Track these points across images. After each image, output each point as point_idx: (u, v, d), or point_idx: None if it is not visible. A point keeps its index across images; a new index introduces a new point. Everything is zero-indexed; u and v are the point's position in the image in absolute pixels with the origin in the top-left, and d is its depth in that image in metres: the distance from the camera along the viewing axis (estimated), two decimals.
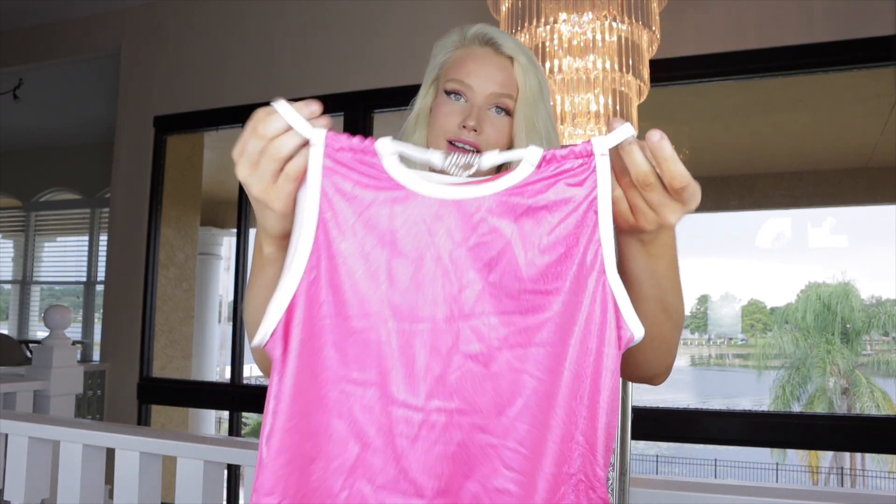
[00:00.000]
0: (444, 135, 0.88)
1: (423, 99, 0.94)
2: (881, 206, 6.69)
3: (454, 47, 0.92)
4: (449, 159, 0.61)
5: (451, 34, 0.93)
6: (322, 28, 3.60)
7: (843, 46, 2.72)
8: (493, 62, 0.89)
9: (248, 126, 0.62)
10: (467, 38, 0.92)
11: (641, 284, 0.68)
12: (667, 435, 3.21)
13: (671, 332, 0.73)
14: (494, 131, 0.88)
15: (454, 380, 0.58)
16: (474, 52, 0.90)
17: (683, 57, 2.88)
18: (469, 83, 0.88)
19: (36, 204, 6.81)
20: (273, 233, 0.65)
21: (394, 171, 0.59)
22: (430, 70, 0.95)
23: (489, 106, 0.88)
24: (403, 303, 0.59)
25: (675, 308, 0.71)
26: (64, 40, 4.28)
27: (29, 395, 3.05)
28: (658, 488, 1.24)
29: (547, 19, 2.07)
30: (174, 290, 4.10)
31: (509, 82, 0.88)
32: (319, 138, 0.59)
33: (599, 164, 0.59)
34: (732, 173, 6.52)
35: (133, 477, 1.64)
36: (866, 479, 11.87)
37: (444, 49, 0.94)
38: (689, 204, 0.61)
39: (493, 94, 0.87)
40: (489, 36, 0.90)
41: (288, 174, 0.60)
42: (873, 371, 12.41)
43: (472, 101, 0.88)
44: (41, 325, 6.22)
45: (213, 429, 6.90)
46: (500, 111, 0.88)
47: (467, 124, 0.86)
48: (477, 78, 0.88)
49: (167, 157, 3.98)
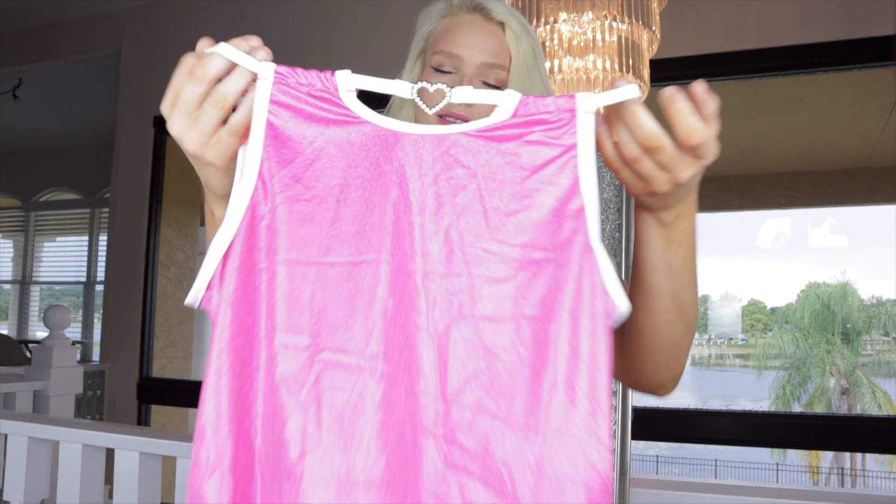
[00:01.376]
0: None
1: (409, 74, 0.90)
2: (881, 206, 6.69)
3: (440, 16, 0.87)
4: (416, 88, 0.56)
5: (436, 2, 0.87)
6: (322, 28, 3.60)
7: (843, 46, 2.71)
8: (482, 30, 0.83)
9: (180, 70, 0.53)
10: (454, 6, 0.86)
11: (656, 275, 0.63)
12: (667, 435, 3.21)
13: (683, 335, 0.67)
14: (486, 105, 0.85)
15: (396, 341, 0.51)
16: (462, 20, 0.84)
17: (683, 57, 2.88)
18: (458, 54, 0.82)
19: (36, 204, 6.81)
20: (221, 192, 0.58)
21: (353, 105, 0.54)
22: (415, 43, 0.89)
23: (480, 77, 0.82)
24: (348, 246, 0.52)
25: (690, 305, 0.65)
26: (64, 40, 4.28)
27: (28, 395, 3.05)
28: (658, 488, 1.24)
29: (547, 19, 2.07)
30: (174, 290, 4.10)
31: (501, 50, 0.83)
32: (268, 72, 0.54)
33: (582, 124, 0.52)
34: (732, 173, 6.52)
35: (133, 477, 1.64)
36: (866, 479, 11.87)
37: (429, 19, 0.88)
38: (704, 159, 0.54)
39: (485, 65, 0.82)
40: (477, 1, 0.84)
41: (233, 128, 0.54)
42: (874, 371, 12.41)
43: (463, 72, 0.82)
44: (41, 325, 6.22)
45: None
46: (490, 85, 0.83)
47: None
48: (466, 48, 0.82)
49: (167, 157, 3.98)
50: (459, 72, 0.82)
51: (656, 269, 0.63)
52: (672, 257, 0.62)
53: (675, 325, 0.65)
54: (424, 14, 0.88)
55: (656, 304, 0.63)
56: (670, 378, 0.72)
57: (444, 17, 0.86)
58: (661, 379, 0.72)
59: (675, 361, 0.70)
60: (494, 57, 0.82)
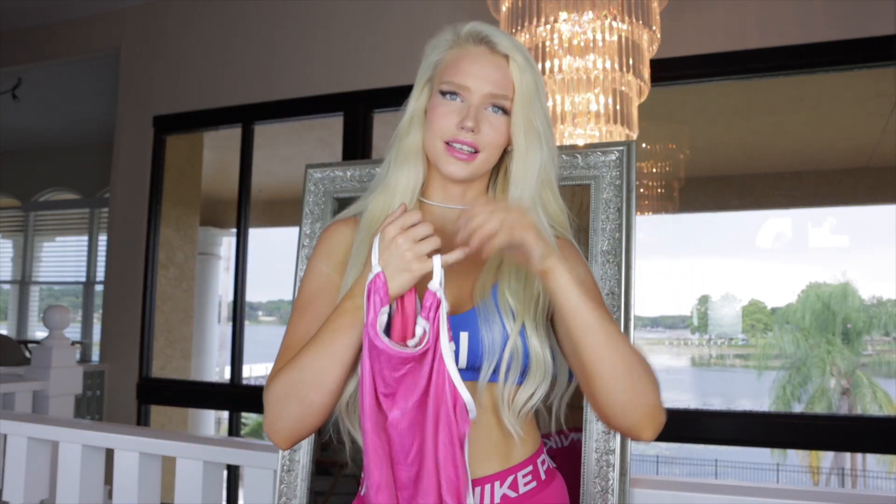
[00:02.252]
0: (442, 136, 0.88)
1: (416, 100, 0.94)
2: (881, 206, 6.69)
3: (448, 46, 0.91)
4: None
5: (444, 32, 0.92)
6: (322, 28, 3.60)
7: (844, 46, 2.71)
8: (488, 61, 0.88)
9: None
10: (461, 37, 0.90)
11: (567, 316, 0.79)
12: (667, 435, 3.19)
13: (626, 367, 0.78)
14: (492, 131, 0.88)
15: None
16: (469, 52, 0.89)
17: (683, 57, 2.88)
18: (465, 84, 0.87)
19: (35, 204, 6.81)
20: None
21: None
22: (423, 70, 0.94)
23: (486, 106, 0.87)
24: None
25: (614, 339, 0.78)
26: (64, 40, 4.28)
27: (28, 396, 3.04)
28: (658, 488, 1.24)
29: (547, 19, 2.07)
30: (174, 290, 4.10)
31: (505, 81, 0.88)
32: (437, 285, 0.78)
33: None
34: (732, 173, 6.52)
35: (132, 477, 1.64)
36: (867, 479, 11.87)
37: (437, 48, 0.92)
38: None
39: (490, 95, 0.87)
40: (484, 34, 0.89)
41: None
42: (874, 371, 12.41)
43: (469, 101, 0.87)
44: (40, 325, 6.22)
45: (212, 429, 6.90)
46: (498, 110, 0.88)
47: (465, 125, 0.86)
48: (473, 78, 0.87)
49: (167, 157, 3.98)
50: (466, 101, 0.88)
51: (563, 311, 0.78)
52: (565, 303, 0.78)
53: (611, 357, 0.77)
54: (432, 44, 0.93)
55: (588, 339, 0.77)
56: (642, 418, 0.79)
57: (452, 47, 0.91)
58: (632, 419, 0.79)
59: (636, 398, 0.78)
60: (499, 88, 0.87)
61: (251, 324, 13.57)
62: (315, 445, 1.31)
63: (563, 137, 2.13)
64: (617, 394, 0.78)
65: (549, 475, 0.94)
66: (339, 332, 0.80)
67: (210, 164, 4.67)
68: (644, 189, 4.32)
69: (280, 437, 0.84)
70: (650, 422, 0.80)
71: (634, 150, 1.19)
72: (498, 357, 0.86)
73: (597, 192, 1.19)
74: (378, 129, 3.47)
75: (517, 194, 0.90)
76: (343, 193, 1.37)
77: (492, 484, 0.88)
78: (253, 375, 13.44)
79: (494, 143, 0.88)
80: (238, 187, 3.73)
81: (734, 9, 2.88)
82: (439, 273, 0.76)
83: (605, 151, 1.20)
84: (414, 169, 0.93)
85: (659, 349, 17.45)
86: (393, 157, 0.94)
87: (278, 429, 0.84)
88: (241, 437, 3.24)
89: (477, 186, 0.94)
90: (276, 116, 3.72)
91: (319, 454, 1.32)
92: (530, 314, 0.87)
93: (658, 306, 16.72)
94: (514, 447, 0.91)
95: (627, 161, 1.18)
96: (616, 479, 1.09)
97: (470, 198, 0.93)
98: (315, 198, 1.38)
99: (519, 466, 0.90)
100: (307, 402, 0.81)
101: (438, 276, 0.76)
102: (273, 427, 0.84)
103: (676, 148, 4.40)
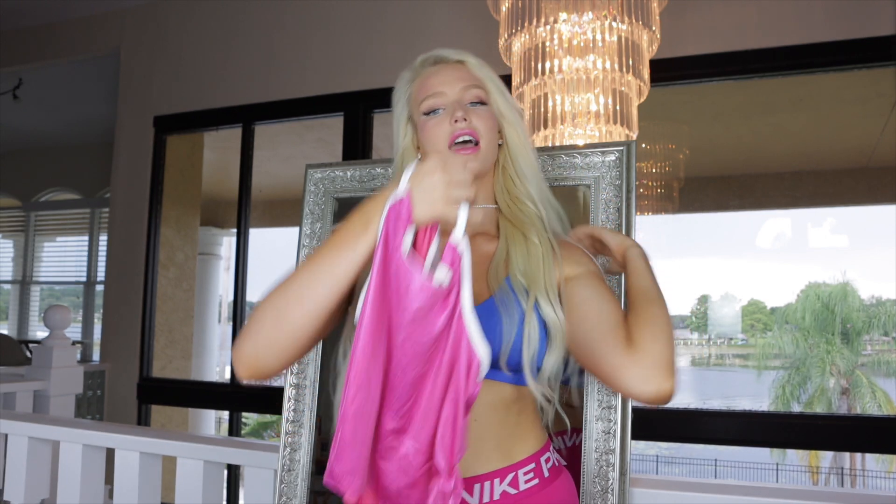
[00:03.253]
0: (443, 142, 0.93)
1: (403, 138, 1.00)
2: (881, 206, 6.69)
3: (410, 81, 1.00)
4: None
5: (400, 77, 1.01)
6: (322, 28, 3.60)
7: (843, 46, 2.71)
8: (448, 69, 0.97)
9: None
10: (416, 68, 0.99)
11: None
12: (667, 435, 3.21)
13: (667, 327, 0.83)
14: (480, 121, 0.94)
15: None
16: (428, 72, 0.97)
17: (683, 57, 2.88)
18: (438, 90, 0.95)
19: (36, 204, 6.81)
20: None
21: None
22: (398, 114, 1.01)
23: (463, 101, 0.94)
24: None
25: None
26: (64, 40, 4.28)
27: (29, 395, 3.05)
28: (658, 488, 1.24)
29: (547, 19, 2.07)
30: (174, 290, 4.10)
31: (471, 77, 0.96)
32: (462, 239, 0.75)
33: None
34: (732, 173, 6.52)
35: (133, 477, 1.64)
36: (866, 479, 11.87)
37: (401, 89, 1.00)
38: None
39: (462, 88, 0.95)
40: (434, 55, 0.98)
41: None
42: (874, 371, 12.41)
43: (447, 102, 0.94)
44: (41, 325, 6.22)
45: (213, 429, 6.90)
46: (476, 104, 0.95)
47: (456, 117, 0.92)
48: (442, 84, 0.95)
49: (167, 157, 3.98)
50: (447, 104, 0.94)
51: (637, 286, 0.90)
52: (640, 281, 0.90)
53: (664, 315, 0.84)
54: (396, 89, 1.01)
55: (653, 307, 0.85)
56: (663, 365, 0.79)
57: (414, 79, 0.99)
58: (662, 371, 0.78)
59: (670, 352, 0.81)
60: (468, 80, 0.95)
61: None
62: (315, 445, 1.32)
63: (563, 137, 2.13)
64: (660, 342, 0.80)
65: (553, 473, 0.94)
66: (341, 248, 0.75)
67: (210, 164, 4.67)
68: (644, 189, 4.33)
69: (243, 363, 0.76)
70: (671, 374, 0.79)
71: (634, 151, 1.19)
72: (517, 333, 0.88)
73: (597, 192, 1.19)
74: (378, 129, 3.47)
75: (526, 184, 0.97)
76: (343, 193, 1.37)
77: (491, 481, 0.89)
78: None
79: (487, 130, 0.94)
80: (238, 187, 3.73)
81: (734, 9, 2.88)
82: (463, 223, 0.74)
83: (604, 152, 1.20)
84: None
85: None
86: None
87: (244, 352, 0.75)
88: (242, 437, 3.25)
89: (484, 187, 0.98)
90: (276, 116, 3.72)
91: (319, 454, 1.32)
92: (542, 288, 0.90)
93: None
94: (516, 445, 0.92)
95: (627, 161, 1.18)
96: (616, 478, 1.09)
97: (480, 198, 0.97)
98: (315, 198, 1.38)
99: (520, 464, 0.91)
100: (283, 318, 0.75)
101: (462, 227, 0.74)
102: (239, 351, 0.75)
103: (676, 148, 4.40)
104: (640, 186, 4.31)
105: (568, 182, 1.21)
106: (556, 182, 1.20)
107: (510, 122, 0.96)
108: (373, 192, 1.34)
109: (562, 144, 2.12)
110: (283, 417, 1.33)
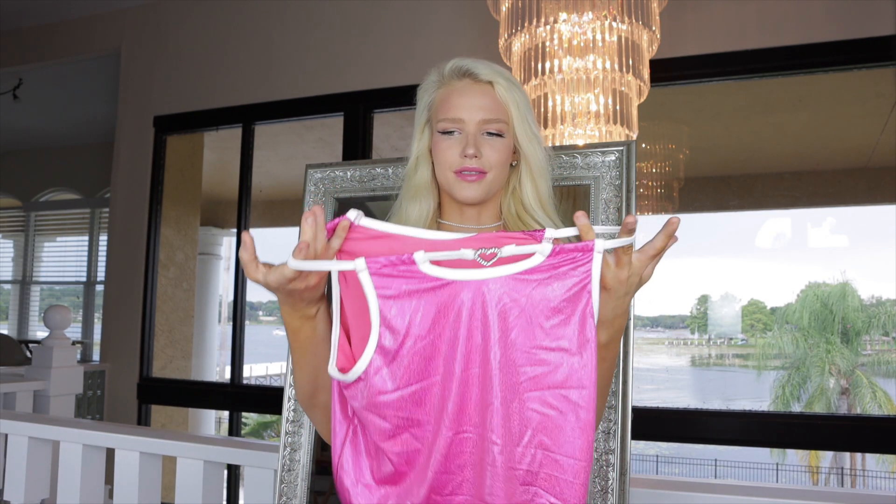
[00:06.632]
0: (450, 167, 0.95)
1: (419, 141, 1.01)
2: (881, 206, 6.68)
3: (435, 87, 0.99)
4: (478, 252, 0.75)
5: (429, 75, 1.00)
6: (322, 28, 3.60)
7: (843, 46, 2.72)
8: (475, 91, 0.95)
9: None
10: (445, 76, 0.98)
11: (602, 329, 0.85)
12: (667, 435, 3.21)
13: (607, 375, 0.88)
14: (493, 152, 0.95)
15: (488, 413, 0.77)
16: (455, 87, 0.96)
17: (683, 57, 2.88)
18: (458, 117, 0.94)
19: (36, 204, 6.81)
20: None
21: (430, 271, 0.75)
22: (418, 114, 1.01)
23: (482, 132, 0.94)
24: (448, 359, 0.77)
25: (613, 355, 0.87)
26: (64, 40, 4.28)
27: (29, 395, 3.05)
28: (658, 488, 1.24)
29: (547, 19, 2.07)
30: (174, 290, 4.10)
31: (495, 105, 0.95)
32: (361, 265, 0.73)
33: (595, 260, 0.76)
34: (732, 173, 6.52)
35: (133, 477, 1.64)
36: (866, 479, 11.87)
37: (426, 91, 1.00)
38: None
39: (483, 121, 0.94)
40: (465, 68, 0.96)
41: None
42: (874, 371, 12.41)
43: (466, 131, 0.94)
44: (41, 325, 6.22)
45: (213, 429, 6.90)
46: (493, 135, 0.95)
47: (467, 153, 0.93)
48: (464, 110, 0.94)
49: (167, 157, 3.98)
50: (463, 132, 0.95)
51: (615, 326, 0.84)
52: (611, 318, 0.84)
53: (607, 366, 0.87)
54: (422, 87, 1.01)
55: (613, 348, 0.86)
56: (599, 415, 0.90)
57: (439, 87, 0.98)
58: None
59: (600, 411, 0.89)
60: (490, 113, 0.95)
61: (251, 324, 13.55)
62: (315, 445, 1.32)
63: (563, 137, 2.13)
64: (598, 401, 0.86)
65: None
66: (294, 353, 0.86)
67: (210, 164, 4.67)
68: (644, 189, 4.33)
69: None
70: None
71: (634, 151, 1.19)
72: None
73: (596, 192, 1.19)
74: (378, 129, 3.47)
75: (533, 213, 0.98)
76: (343, 193, 1.37)
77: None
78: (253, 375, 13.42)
79: (498, 162, 0.95)
80: (238, 187, 3.73)
81: (734, 9, 2.88)
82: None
83: (604, 152, 1.20)
84: (425, 202, 1.01)
85: (658, 349, 17.45)
86: (404, 193, 1.02)
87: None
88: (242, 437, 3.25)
89: (491, 207, 1.00)
90: (276, 116, 3.72)
91: (319, 454, 1.32)
92: None
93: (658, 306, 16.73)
94: None
95: (627, 161, 1.18)
96: (616, 478, 1.09)
97: (486, 217, 0.99)
98: (315, 198, 1.38)
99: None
100: (298, 388, 0.91)
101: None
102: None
103: (676, 148, 4.40)
104: (640, 186, 4.31)
105: (568, 182, 1.21)
106: (557, 182, 1.20)
107: (526, 151, 0.97)
108: (373, 192, 1.35)
109: (562, 144, 2.12)
110: (283, 417, 1.33)
